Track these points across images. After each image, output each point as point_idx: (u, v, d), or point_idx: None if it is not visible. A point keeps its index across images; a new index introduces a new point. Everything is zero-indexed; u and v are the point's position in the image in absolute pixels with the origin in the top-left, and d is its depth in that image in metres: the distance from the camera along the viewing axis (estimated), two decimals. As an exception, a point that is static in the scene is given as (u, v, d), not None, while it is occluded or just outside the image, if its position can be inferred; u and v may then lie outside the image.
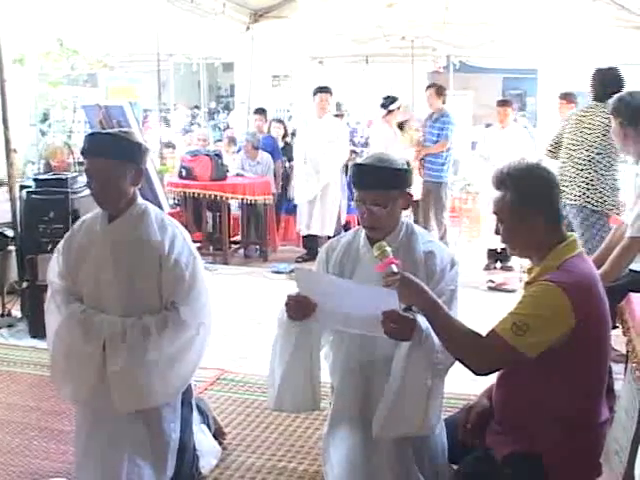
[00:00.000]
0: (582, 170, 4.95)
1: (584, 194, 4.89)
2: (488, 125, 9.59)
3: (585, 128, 5.03)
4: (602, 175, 4.88)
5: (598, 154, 4.90)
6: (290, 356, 2.78)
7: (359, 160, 2.89)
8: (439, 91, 8.19)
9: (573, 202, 4.92)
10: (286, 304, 2.73)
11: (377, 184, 2.73)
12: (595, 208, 4.85)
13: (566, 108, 7.76)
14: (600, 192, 4.85)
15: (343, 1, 9.56)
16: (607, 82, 5.11)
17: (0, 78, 5.69)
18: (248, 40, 10.31)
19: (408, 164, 2.84)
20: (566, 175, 5.02)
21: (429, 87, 8.34)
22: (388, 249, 2.51)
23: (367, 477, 2.70)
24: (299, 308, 2.69)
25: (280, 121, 9.07)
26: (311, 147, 8.05)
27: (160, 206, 7.04)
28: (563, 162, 5.14)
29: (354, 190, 2.83)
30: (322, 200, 8.12)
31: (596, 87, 5.16)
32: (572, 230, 4.58)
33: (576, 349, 2.33)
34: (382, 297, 2.50)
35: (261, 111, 9.51)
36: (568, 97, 7.90)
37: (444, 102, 8.23)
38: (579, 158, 4.99)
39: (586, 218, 4.89)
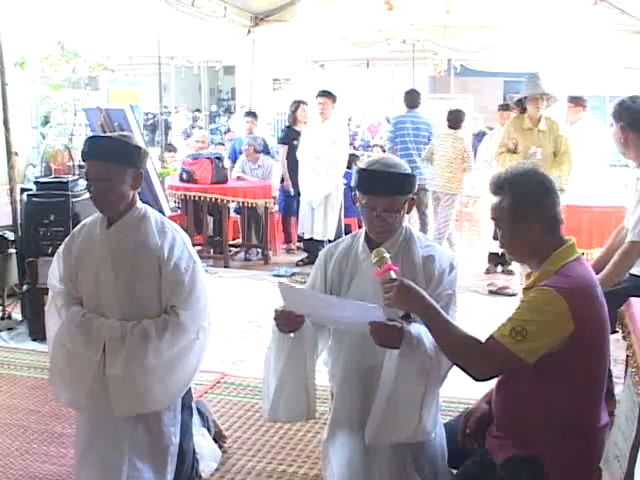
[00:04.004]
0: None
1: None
2: (491, 128, 9.58)
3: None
4: None
5: None
6: (283, 367, 2.77)
7: (365, 165, 2.84)
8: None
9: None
10: (275, 318, 2.73)
11: (388, 190, 2.70)
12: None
13: (574, 112, 7.75)
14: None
15: (344, 5, 9.59)
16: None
17: (1, 81, 5.70)
18: (249, 43, 10.34)
19: (411, 168, 2.84)
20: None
21: None
22: (386, 255, 2.51)
23: (367, 481, 2.69)
24: (288, 321, 2.70)
25: (305, 103, 8.99)
26: (314, 150, 8.04)
27: (161, 209, 7.04)
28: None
29: (361, 195, 2.76)
30: (324, 204, 8.12)
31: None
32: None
33: (575, 354, 2.33)
34: (368, 311, 2.51)
35: (252, 114, 9.52)
36: (577, 101, 7.88)
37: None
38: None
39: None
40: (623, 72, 11.62)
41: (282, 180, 8.74)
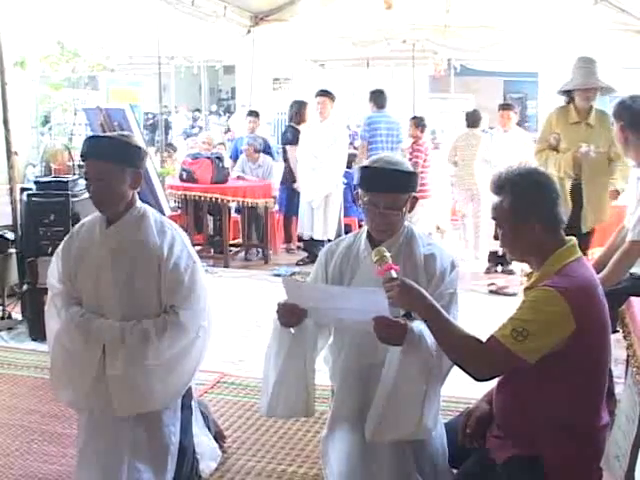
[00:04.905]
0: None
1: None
2: (491, 128, 9.59)
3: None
4: None
5: None
6: (284, 362, 2.77)
7: (367, 163, 2.86)
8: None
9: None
10: (277, 312, 2.73)
11: (391, 187, 2.71)
12: None
13: None
14: None
15: (344, 4, 9.59)
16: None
17: (1, 81, 5.70)
18: (249, 43, 10.34)
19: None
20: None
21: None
22: (387, 254, 2.50)
23: (367, 480, 2.69)
24: (290, 314, 2.70)
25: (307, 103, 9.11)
26: (313, 150, 8.04)
27: (161, 209, 7.04)
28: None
29: (363, 193, 2.77)
30: (324, 204, 8.13)
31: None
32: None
33: (576, 354, 2.32)
34: (371, 298, 2.50)
35: (254, 113, 9.53)
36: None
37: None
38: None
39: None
40: (623, 72, 11.60)
41: (283, 181, 8.73)
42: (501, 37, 10.07)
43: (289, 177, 8.62)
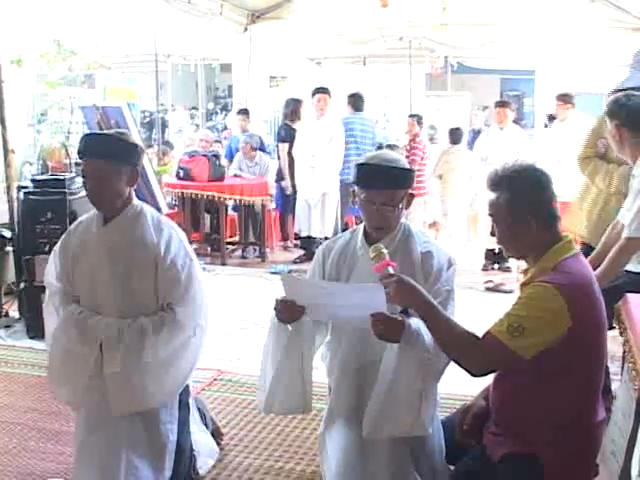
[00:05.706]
0: None
1: None
2: (487, 125, 9.62)
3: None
4: None
5: None
6: (281, 359, 2.77)
7: (364, 160, 2.86)
8: None
9: None
10: (275, 308, 2.73)
11: (387, 184, 2.71)
12: None
13: (563, 109, 7.77)
14: None
15: (341, 2, 9.57)
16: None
17: (-3, 79, 5.70)
18: (246, 41, 10.32)
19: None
20: None
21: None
22: (384, 251, 2.51)
23: (364, 477, 2.69)
24: (288, 311, 2.70)
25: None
26: (310, 148, 8.05)
27: (158, 207, 7.03)
28: None
29: (360, 190, 2.77)
30: (322, 202, 8.13)
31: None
32: None
33: (572, 350, 2.33)
34: (369, 294, 2.50)
35: (244, 111, 9.53)
36: (565, 98, 7.90)
37: None
38: None
39: None
40: (620, 70, 11.62)
41: (277, 179, 8.74)
42: (498, 35, 10.07)
43: (279, 175, 8.63)
